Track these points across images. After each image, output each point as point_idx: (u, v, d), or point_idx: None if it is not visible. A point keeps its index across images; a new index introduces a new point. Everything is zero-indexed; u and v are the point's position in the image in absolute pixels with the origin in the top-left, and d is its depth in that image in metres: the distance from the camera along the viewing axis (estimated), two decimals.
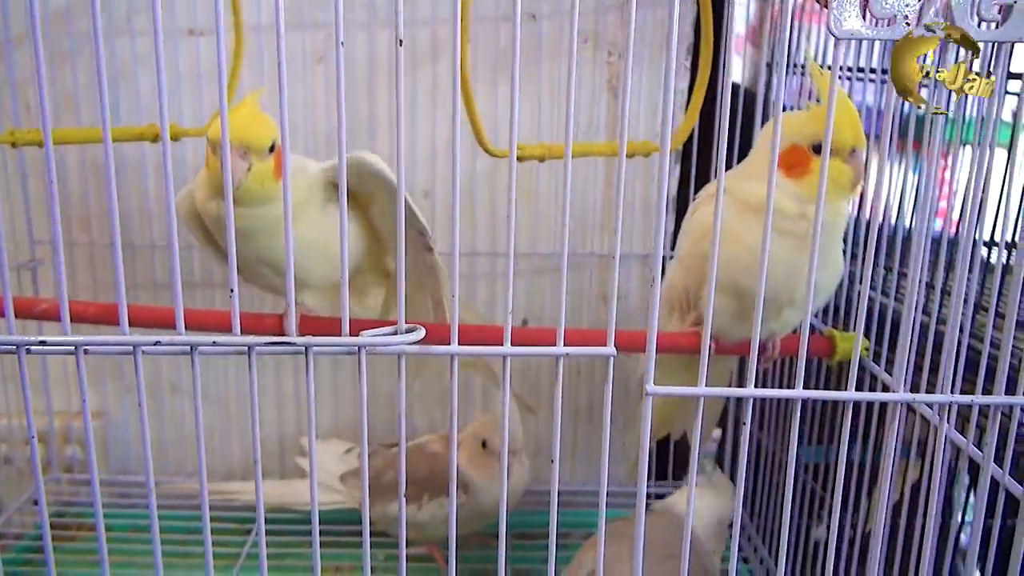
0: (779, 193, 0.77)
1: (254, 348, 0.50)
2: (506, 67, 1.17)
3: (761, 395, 0.55)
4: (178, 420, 1.28)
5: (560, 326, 0.52)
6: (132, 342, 0.50)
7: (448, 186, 1.22)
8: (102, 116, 0.51)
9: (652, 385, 0.53)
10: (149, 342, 0.49)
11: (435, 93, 1.18)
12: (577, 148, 1.02)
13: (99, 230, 1.21)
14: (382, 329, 0.51)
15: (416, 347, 0.52)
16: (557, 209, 1.22)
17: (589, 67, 1.19)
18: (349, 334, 0.51)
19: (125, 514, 1.20)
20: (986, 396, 0.59)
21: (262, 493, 1.14)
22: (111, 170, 0.50)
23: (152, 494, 0.52)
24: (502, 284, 1.24)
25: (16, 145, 0.95)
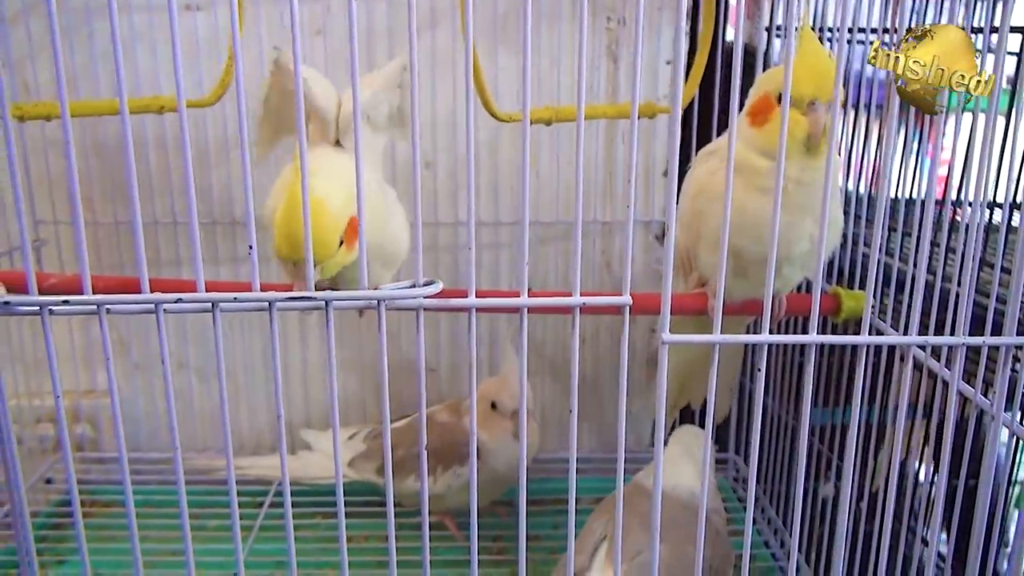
0: (744, 147, 0.79)
1: (274, 303, 0.50)
2: (504, 34, 1.17)
3: (776, 341, 0.56)
4: (186, 397, 1.28)
5: (576, 276, 0.53)
6: (154, 300, 0.50)
7: (449, 156, 1.22)
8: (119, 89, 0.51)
9: (668, 334, 0.54)
10: (170, 299, 0.50)
11: (434, 61, 1.18)
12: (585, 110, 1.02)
13: (102, 209, 1.21)
14: (400, 283, 0.51)
15: (434, 300, 0.52)
16: (559, 177, 1.22)
17: (588, 33, 1.19)
18: (367, 288, 0.51)
19: (137, 490, 1.19)
20: (996, 337, 0.59)
21: (271, 466, 1.17)
22: (128, 143, 0.50)
23: (179, 462, 0.52)
24: (506, 254, 1.26)
25: (24, 119, 0.95)
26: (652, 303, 0.54)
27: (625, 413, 0.60)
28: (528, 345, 1.25)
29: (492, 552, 1.10)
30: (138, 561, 0.57)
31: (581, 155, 0.53)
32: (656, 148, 1.23)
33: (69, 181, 0.50)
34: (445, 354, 1.29)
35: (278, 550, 1.11)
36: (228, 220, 1.21)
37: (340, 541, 0.60)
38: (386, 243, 0.79)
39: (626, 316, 0.53)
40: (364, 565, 1.04)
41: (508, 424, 1.01)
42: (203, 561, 0.97)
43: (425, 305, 0.52)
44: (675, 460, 0.94)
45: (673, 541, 0.83)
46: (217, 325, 0.52)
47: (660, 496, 0.59)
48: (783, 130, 0.55)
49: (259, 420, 1.31)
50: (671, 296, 0.52)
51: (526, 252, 0.52)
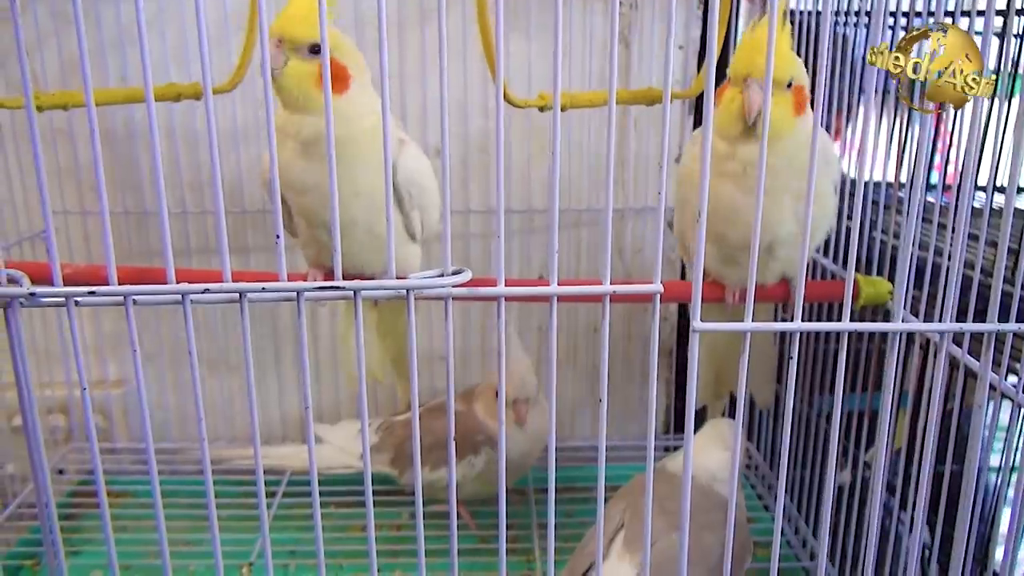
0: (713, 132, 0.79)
1: (302, 293, 0.49)
2: (515, 20, 1.16)
3: (808, 328, 0.55)
4: (202, 386, 1.27)
5: (606, 262, 0.52)
6: (181, 290, 0.49)
7: (460, 142, 1.21)
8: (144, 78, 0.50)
9: (699, 322, 0.53)
10: (198, 290, 0.49)
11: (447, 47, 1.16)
12: (600, 96, 1.01)
13: (111, 197, 1.20)
14: (428, 272, 0.51)
15: (463, 289, 0.51)
16: (570, 164, 1.21)
17: (601, 17, 1.18)
18: (395, 277, 0.50)
19: (148, 480, 1.20)
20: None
21: (282, 455, 1.16)
22: (154, 133, 0.49)
23: (205, 453, 0.52)
24: (520, 241, 1.25)
25: (41, 109, 0.94)
26: (682, 291, 0.53)
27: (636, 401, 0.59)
28: (542, 332, 1.27)
29: (506, 540, 1.09)
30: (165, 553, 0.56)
31: (612, 144, 0.52)
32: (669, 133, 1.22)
33: (96, 171, 0.49)
34: (456, 342, 1.28)
35: (291, 539, 1.11)
36: (238, 210, 1.20)
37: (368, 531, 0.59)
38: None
39: (656, 304, 0.52)
40: (378, 554, 1.03)
41: (511, 413, 1.01)
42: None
43: (454, 294, 0.52)
44: (704, 444, 0.93)
45: (690, 528, 0.83)
46: (245, 315, 0.51)
47: (689, 486, 0.58)
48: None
49: (269, 411, 1.30)
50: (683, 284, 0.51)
51: (555, 242, 0.52)
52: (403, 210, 0.83)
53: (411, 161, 0.83)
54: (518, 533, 1.12)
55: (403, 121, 1.16)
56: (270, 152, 0.48)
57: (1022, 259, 0.69)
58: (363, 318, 0.52)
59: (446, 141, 0.52)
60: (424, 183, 0.84)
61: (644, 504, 0.84)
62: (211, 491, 0.55)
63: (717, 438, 0.93)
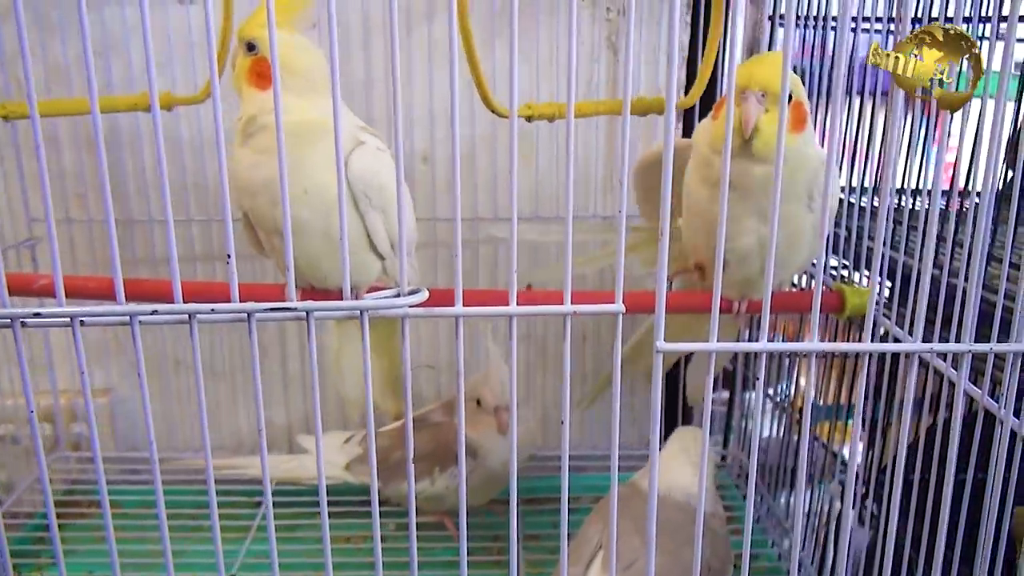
0: (705, 144, 0.80)
1: (253, 314, 0.48)
2: (501, 27, 1.15)
3: (773, 349, 0.54)
4: (184, 395, 1.27)
5: (567, 284, 0.51)
6: (129, 312, 0.48)
7: (448, 149, 1.20)
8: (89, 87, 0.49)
9: (663, 342, 0.52)
10: (146, 311, 0.48)
11: (432, 54, 1.16)
12: (583, 107, 1.00)
13: (96, 206, 1.20)
14: (385, 292, 0.50)
15: (420, 309, 0.50)
16: (558, 172, 1.20)
17: (588, 24, 1.17)
18: (351, 298, 0.50)
19: (135, 491, 1.19)
20: (1002, 344, 0.57)
21: (269, 466, 1.15)
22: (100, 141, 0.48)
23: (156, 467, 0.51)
24: (503, 248, 1.24)
25: (8, 119, 0.93)
26: (648, 303, 0.52)
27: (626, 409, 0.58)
28: (528, 339, 1.26)
29: (492, 552, 1.09)
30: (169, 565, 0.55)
31: (572, 155, 0.51)
32: (656, 140, 1.21)
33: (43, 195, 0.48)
34: (444, 351, 1.27)
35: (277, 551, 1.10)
36: (221, 217, 1.19)
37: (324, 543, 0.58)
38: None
39: (619, 324, 0.51)
40: (360, 567, 1.03)
41: (493, 420, 1.00)
42: (200, 563, 0.97)
43: (410, 314, 0.51)
44: (672, 461, 0.92)
45: (669, 546, 0.82)
46: (194, 336, 0.50)
47: (656, 502, 0.57)
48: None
49: (254, 420, 1.30)
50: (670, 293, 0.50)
51: (514, 261, 0.51)
52: (359, 212, 0.79)
53: (367, 158, 0.79)
54: (505, 545, 1.11)
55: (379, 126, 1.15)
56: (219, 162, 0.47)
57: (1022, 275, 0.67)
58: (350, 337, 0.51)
59: (400, 145, 0.51)
60: (384, 183, 0.79)
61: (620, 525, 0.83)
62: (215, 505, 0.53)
63: (683, 452, 0.91)
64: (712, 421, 1.40)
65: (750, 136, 0.73)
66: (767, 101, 0.73)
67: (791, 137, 0.76)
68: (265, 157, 0.75)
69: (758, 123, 0.73)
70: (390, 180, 0.82)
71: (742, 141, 0.74)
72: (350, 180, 0.76)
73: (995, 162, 0.56)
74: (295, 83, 0.76)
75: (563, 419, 0.53)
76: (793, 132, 0.76)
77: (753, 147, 0.74)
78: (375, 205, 0.81)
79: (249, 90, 0.77)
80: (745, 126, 0.73)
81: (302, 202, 0.74)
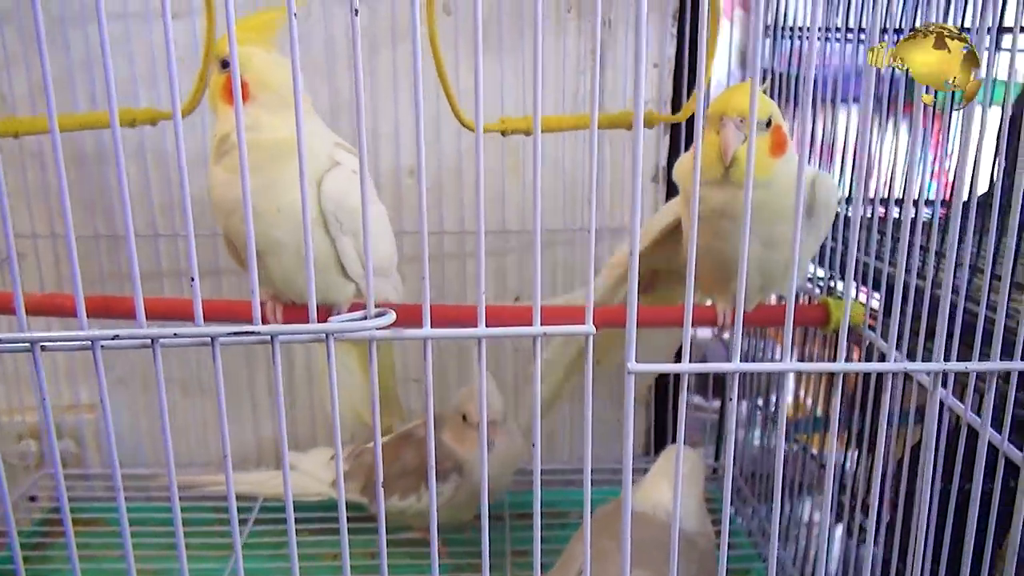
0: (685, 172, 0.81)
1: (217, 338, 0.48)
2: (488, 41, 1.15)
3: (746, 369, 0.53)
4: (172, 412, 1.26)
5: (536, 304, 0.51)
6: (90, 336, 0.48)
7: (434, 164, 1.20)
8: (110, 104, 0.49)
9: (634, 363, 0.51)
10: (107, 336, 0.48)
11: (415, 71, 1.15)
12: (555, 121, 1.00)
13: (81, 221, 1.19)
14: (351, 314, 0.49)
15: (387, 331, 0.50)
16: (548, 184, 1.20)
17: (574, 37, 1.17)
18: (317, 320, 0.49)
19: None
20: (982, 362, 0.57)
21: (255, 482, 1.15)
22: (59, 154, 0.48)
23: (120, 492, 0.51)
24: (493, 261, 1.23)
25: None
26: (620, 323, 0.51)
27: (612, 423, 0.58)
28: (516, 352, 1.25)
29: (478, 569, 1.08)
30: None
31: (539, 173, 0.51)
32: (644, 153, 1.20)
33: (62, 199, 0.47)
34: (435, 364, 1.26)
35: (263, 570, 1.10)
36: (207, 232, 1.19)
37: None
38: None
39: (589, 346, 0.50)
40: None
41: (491, 432, 1.00)
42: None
43: (377, 337, 0.50)
44: (660, 480, 0.91)
45: (656, 564, 0.81)
46: (157, 361, 0.50)
47: (629, 522, 0.57)
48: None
49: (245, 435, 1.29)
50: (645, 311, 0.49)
51: (482, 283, 0.50)
52: (330, 235, 0.79)
53: (340, 180, 0.78)
54: (493, 561, 1.10)
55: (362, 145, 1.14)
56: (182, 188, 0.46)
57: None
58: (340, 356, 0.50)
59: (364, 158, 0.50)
60: (355, 206, 0.77)
61: (607, 545, 0.82)
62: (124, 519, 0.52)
63: (672, 472, 0.90)
64: (703, 431, 1.40)
65: (730, 163, 0.74)
66: (746, 127, 0.73)
67: (770, 162, 0.76)
68: (237, 175, 0.74)
69: (736, 151, 0.73)
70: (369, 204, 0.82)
71: (724, 169, 0.74)
72: (321, 202, 0.76)
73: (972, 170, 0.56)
74: (270, 99, 0.76)
75: (534, 441, 0.52)
76: (774, 156, 0.76)
77: (732, 174, 0.74)
78: (346, 229, 0.80)
79: (224, 107, 0.77)
80: (724, 153, 0.73)
81: (276, 221, 0.74)
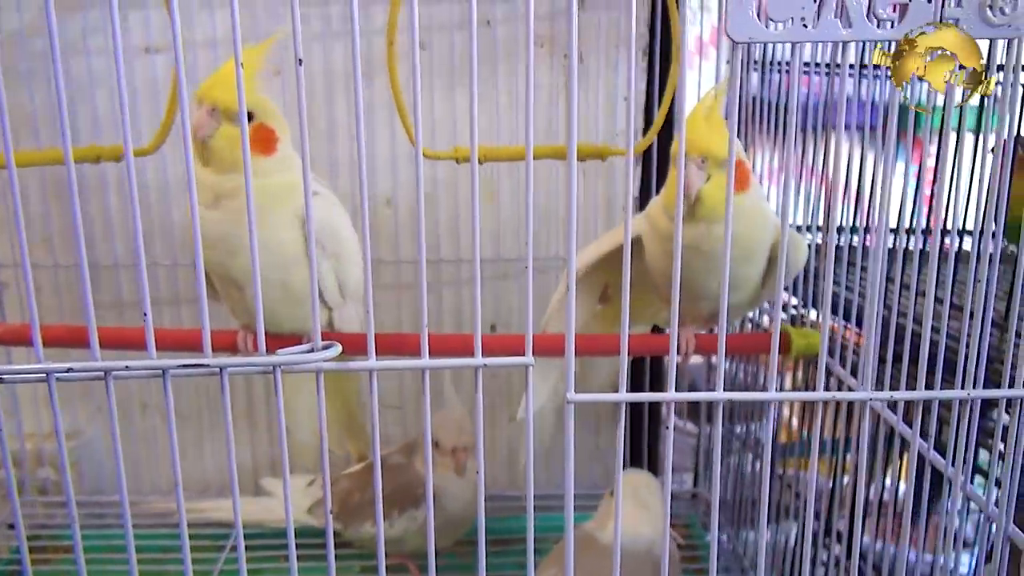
0: (659, 209, 0.83)
1: (168, 371, 0.50)
2: (463, 74, 1.17)
3: (682, 399, 0.55)
4: (150, 438, 1.28)
5: (476, 335, 0.52)
6: (45, 369, 0.50)
7: (411, 193, 1.22)
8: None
9: (573, 393, 0.53)
10: (62, 369, 0.49)
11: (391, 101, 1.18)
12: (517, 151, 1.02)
13: (62, 251, 1.21)
14: (298, 347, 0.51)
15: (333, 364, 0.52)
16: (519, 213, 1.22)
17: (546, 70, 1.19)
18: (265, 352, 0.51)
19: (101, 534, 1.19)
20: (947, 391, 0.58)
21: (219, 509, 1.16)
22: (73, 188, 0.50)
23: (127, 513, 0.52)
24: (467, 291, 1.25)
25: None
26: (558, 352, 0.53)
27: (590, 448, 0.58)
28: (492, 378, 1.27)
29: None
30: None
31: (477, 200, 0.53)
32: (616, 184, 1.23)
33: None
34: (409, 390, 1.28)
35: None
36: (170, 262, 1.22)
37: None
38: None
39: (529, 377, 0.52)
40: None
41: (450, 461, 1.01)
42: None
43: (324, 368, 0.52)
44: (630, 509, 0.92)
45: None
46: (110, 393, 0.51)
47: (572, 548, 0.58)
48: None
49: (222, 462, 1.30)
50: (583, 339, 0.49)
51: (424, 314, 0.52)
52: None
53: (321, 209, 0.83)
54: None
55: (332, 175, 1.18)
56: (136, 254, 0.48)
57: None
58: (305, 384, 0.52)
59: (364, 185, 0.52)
60: (337, 232, 0.84)
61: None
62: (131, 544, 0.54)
63: (631, 496, 0.92)
64: (683, 455, 1.40)
65: (695, 201, 0.76)
66: (708, 166, 0.76)
67: (738, 196, 0.78)
68: (233, 216, 0.78)
69: (699, 191, 0.76)
70: (342, 228, 0.86)
71: (688, 206, 0.76)
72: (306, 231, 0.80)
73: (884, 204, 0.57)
74: (285, 147, 0.82)
75: (478, 470, 0.54)
76: (738, 191, 0.78)
77: (697, 211, 0.77)
78: (328, 253, 0.85)
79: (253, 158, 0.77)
80: (687, 192, 0.75)
81: (260, 254, 0.77)
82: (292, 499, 1.11)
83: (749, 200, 0.80)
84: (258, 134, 0.79)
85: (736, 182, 0.78)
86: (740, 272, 0.82)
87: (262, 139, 0.80)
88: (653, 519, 0.91)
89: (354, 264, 0.88)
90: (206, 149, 0.78)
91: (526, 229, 0.48)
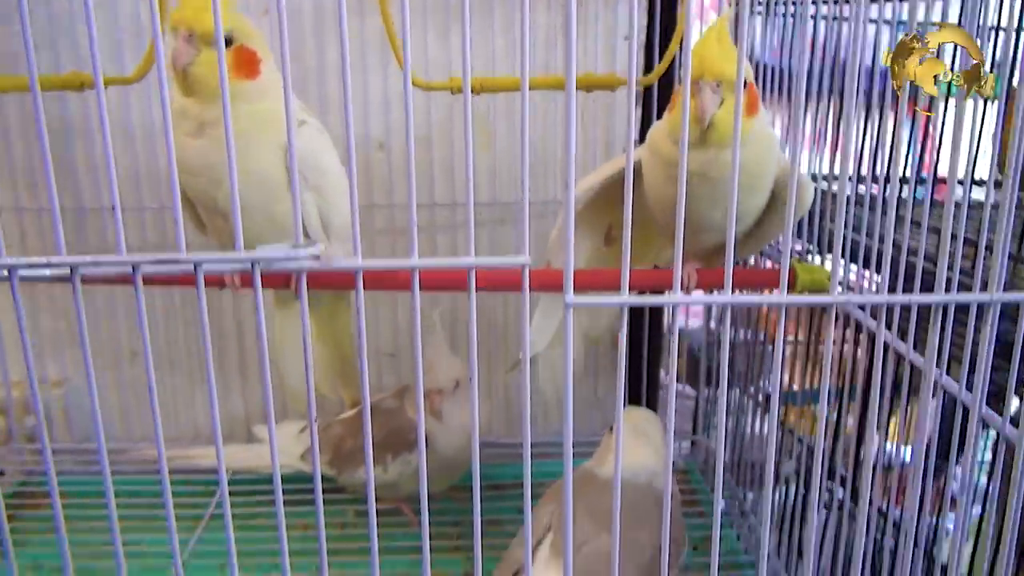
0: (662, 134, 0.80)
1: (139, 266, 0.47)
2: (457, 14, 1.14)
3: (686, 302, 0.52)
4: (139, 386, 1.25)
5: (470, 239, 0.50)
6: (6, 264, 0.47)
7: (404, 136, 1.19)
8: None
9: (572, 295, 0.50)
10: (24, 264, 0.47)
11: (385, 42, 1.14)
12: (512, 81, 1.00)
13: (45, 195, 1.18)
14: (278, 244, 0.48)
15: (317, 263, 0.49)
16: (514, 153, 1.19)
17: (544, 10, 1.16)
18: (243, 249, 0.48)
19: (90, 481, 1.17)
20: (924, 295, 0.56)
21: (231, 454, 1.14)
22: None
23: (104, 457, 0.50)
24: (462, 235, 1.22)
25: None
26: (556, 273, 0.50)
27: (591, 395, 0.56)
28: (489, 328, 1.24)
29: (451, 537, 1.08)
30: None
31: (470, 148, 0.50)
32: (616, 123, 1.20)
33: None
34: (404, 337, 1.26)
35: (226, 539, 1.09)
36: (156, 205, 1.19)
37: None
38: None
39: (525, 277, 0.49)
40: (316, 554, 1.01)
41: (447, 405, 0.99)
42: (156, 551, 0.97)
43: (307, 268, 0.49)
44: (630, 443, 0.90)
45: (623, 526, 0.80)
46: (77, 292, 0.49)
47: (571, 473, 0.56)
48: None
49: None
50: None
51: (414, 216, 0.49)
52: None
53: (305, 138, 0.80)
54: (464, 531, 1.09)
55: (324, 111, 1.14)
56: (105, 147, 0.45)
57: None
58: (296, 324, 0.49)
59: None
60: (321, 164, 0.81)
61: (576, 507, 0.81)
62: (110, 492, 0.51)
63: (632, 431, 0.89)
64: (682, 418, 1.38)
65: (708, 126, 0.73)
66: (722, 90, 0.73)
67: (748, 121, 0.75)
68: (217, 145, 0.74)
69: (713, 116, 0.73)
70: (328, 161, 0.84)
71: (700, 132, 0.73)
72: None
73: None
74: (269, 70, 0.78)
75: (472, 414, 0.51)
76: (748, 116, 0.76)
77: (708, 137, 0.74)
78: (310, 185, 0.82)
79: (236, 82, 0.74)
80: (701, 118, 0.72)
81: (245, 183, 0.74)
82: (285, 446, 1.11)
83: (759, 124, 0.77)
84: (239, 57, 0.76)
85: (748, 106, 0.75)
86: (744, 203, 0.79)
87: (244, 62, 0.77)
88: (654, 452, 0.88)
89: (339, 199, 0.85)
90: (188, 78, 0.75)
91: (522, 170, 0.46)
